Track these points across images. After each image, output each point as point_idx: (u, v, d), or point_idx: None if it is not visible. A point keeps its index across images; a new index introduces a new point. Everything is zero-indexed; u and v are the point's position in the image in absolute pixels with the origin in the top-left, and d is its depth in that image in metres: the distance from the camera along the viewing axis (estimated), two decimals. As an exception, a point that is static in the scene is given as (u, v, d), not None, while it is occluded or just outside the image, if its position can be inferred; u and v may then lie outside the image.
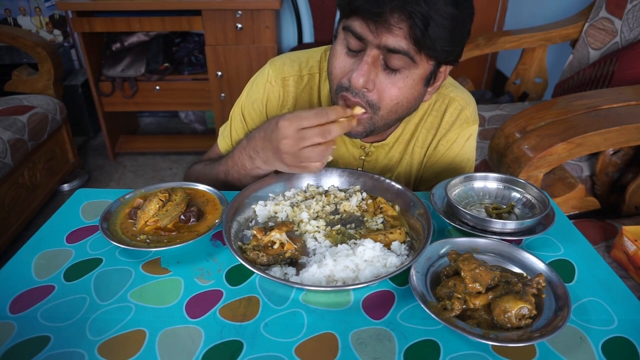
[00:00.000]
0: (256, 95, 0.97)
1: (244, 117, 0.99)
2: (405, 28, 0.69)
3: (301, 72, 0.95)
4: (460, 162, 0.99)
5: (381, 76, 0.76)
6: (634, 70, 1.64)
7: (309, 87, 0.96)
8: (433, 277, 0.68)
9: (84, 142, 2.96)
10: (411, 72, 0.76)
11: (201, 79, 2.59)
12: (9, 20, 2.89)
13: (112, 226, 0.77)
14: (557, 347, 0.58)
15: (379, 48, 0.73)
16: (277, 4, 2.30)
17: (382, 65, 0.75)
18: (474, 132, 0.98)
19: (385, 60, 0.74)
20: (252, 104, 0.98)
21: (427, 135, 0.97)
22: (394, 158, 0.99)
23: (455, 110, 0.95)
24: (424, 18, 0.67)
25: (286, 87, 0.95)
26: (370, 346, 0.58)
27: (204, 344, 0.58)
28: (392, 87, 0.77)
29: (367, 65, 0.74)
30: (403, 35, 0.70)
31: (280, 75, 0.95)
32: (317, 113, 0.72)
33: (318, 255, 0.72)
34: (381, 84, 0.76)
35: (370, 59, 0.74)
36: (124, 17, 2.35)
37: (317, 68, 0.95)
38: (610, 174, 1.48)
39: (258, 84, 0.97)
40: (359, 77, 0.74)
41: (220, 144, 1.03)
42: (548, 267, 0.67)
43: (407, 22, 0.69)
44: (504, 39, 2.06)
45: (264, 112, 0.98)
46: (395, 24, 0.69)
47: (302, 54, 0.98)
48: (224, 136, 1.03)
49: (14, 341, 0.58)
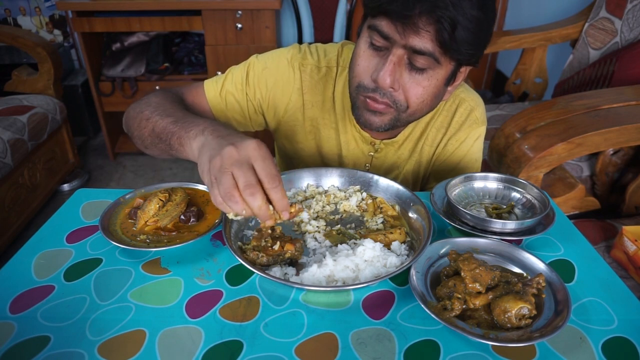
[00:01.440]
0: (271, 64, 0.95)
1: (247, 75, 0.95)
2: (433, 31, 0.70)
3: (319, 63, 0.96)
4: (468, 162, 1.00)
5: (405, 75, 0.77)
6: (634, 70, 1.64)
7: (324, 79, 0.96)
8: (433, 277, 0.68)
9: (84, 142, 2.96)
10: (435, 72, 0.77)
11: (201, 79, 2.55)
12: (9, 20, 2.89)
13: (112, 226, 0.77)
14: (557, 347, 0.58)
15: (405, 48, 0.73)
16: (277, 4, 2.30)
17: (406, 65, 0.76)
18: (482, 133, 1.00)
19: (410, 59, 0.75)
20: (263, 69, 0.95)
21: (437, 135, 0.98)
22: (402, 156, 1.00)
23: (465, 110, 0.96)
24: (452, 22, 0.68)
25: (303, 73, 0.95)
26: (370, 346, 0.58)
27: (204, 344, 0.58)
28: (417, 86, 0.78)
29: (392, 65, 0.74)
30: (430, 38, 0.71)
31: (300, 60, 0.95)
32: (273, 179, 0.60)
33: (318, 255, 0.72)
34: (406, 84, 0.77)
35: (396, 58, 0.74)
36: (124, 17, 2.35)
37: (335, 62, 0.96)
38: (610, 174, 1.48)
39: (279, 57, 0.96)
40: (386, 77, 0.75)
41: (208, 87, 0.95)
42: (548, 267, 0.67)
43: (435, 26, 0.69)
44: (504, 39, 2.06)
45: (269, 84, 0.95)
46: (423, 26, 0.70)
47: (321, 47, 0.98)
48: (216, 82, 0.96)
49: (14, 341, 0.58)
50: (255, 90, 0.95)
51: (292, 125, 0.99)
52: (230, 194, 0.58)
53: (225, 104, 0.96)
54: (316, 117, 0.98)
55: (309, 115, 0.98)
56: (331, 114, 0.97)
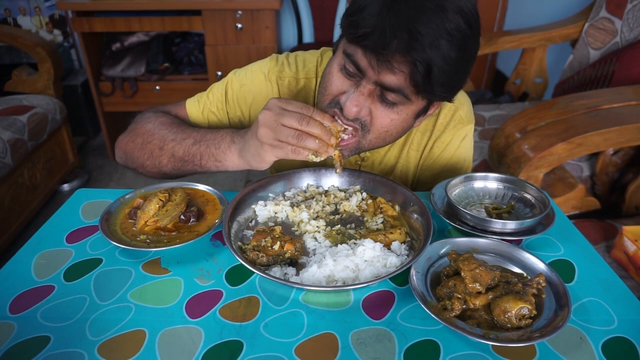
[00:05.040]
0: (248, 80, 0.95)
1: (226, 94, 0.96)
2: (407, 70, 0.68)
3: (298, 74, 0.95)
4: (456, 163, 0.99)
5: (375, 105, 0.75)
6: (634, 70, 1.64)
7: (304, 91, 0.95)
8: (433, 277, 0.68)
9: (84, 142, 2.96)
10: (405, 107, 0.75)
11: (201, 78, 2.59)
12: (8, 20, 2.89)
13: (112, 226, 0.77)
14: (557, 347, 0.58)
15: (375, 83, 0.72)
16: (277, 4, 2.30)
17: (377, 96, 0.74)
18: (470, 131, 0.98)
19: (381, 93, 0.73)
20: (240, 86, 0.95)
21: (422, 138, 0.97)
22: (389, 162, 0.99)
23: (449, 111, 0.95)
24: (427, 64, 0.66)
25: (281, 86, 0.95)
26: (370, 346, 0.58)
27: (204, 344, 0.58)
28: (384, 118, 0.76)
29: (362, 97, 0.73)
30: (403, 77, 0.69)
31: (277, 73, 0.94)
32: (304, 106, 0.72)
33: (318, 255, 0.72)
34: (373, 112, 0.76)
35: (367, 91, 0.73)
36: (124, 17, 2.35)
37: (314, 72, 0.95)
38: (610, 174, 1.48)
39: (255, 71, 0.95)
40: (352, 107, 0.73)
41: (190, 106, 0.97)
42: (548, 267, 0.67)
43: (409, 66, 0.67)
44: (504, 38, 2.06)
45: (248, 100, 0.95)
46: (397, 65, 0.68)
47: (301, 56, 0.97)
48: (198, 101, 0.97)
49: (14, 341, 0.58)
50: (235, 108, 0.96)
51: None
52: (297, 135, 0.70)
53: (207, 123, 0.97)
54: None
55: None
56: None
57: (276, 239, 0.72)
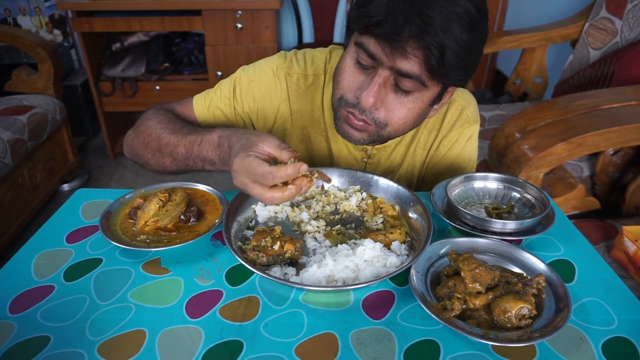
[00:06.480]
0: (257, 77, 0.95)
1: (234, 90, 0.96)
2: (421, 56, 0.69)
3: (306, 71, 0.95)
4: (461, 162, 0.99)
5: (390, 96, 0.76)
6: (634, 70, 1.64)
7: (313, 87, 0.95)
8: (433, 277, 0.68)
9: (84, 142, 2.96)
10: (421, 94, 0.76)
11: (201, 79, 2.59)
12: (8, 20, 2.89)
13: (112, 226, 0.77)
14: (557, 347, 0.58)
15: (391, 70, 0.72)
16: (277, 4, 2.30)
17: (392, 86, 0.75)
18: (475, 131, 0.99)
19: (396, 81, 0.74)
20: (249, 82, 0.95)
21: (429, 137, 0.98)
22: (395, 160, 0.99)
23: (456, 110, 0.96)
24: (441, 47, 0.67)
25: (290, 83, 0.95)
26: (370, 346, 0.58)
27: (204, 344, 0.58)
28: (401, 108, 0.76)
29: (377, 86, 0.73)
30: (418, 62, 0.70)
31: (286, 70, 0.94)
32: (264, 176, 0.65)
33: (318, 255, 0.72)
34: (390, 104, 0.76)
35: (382, 80, 0.73)
36: (124, 17, 2.35)
37: (322, 69, 0.95)
38: (610, 174, 1.48)
39: (263, 68, 0.95)
40: (369, 97, 0.73)
41: (197, 102, 0.97)
42: (548, 267, 0.67)
43: (423, 51, 0.68)
44: (504, 39, 2.06)
45: (257, 96, 0.95)
46: (411, 50, 0.68)
47: (309, 53, 0.97)
48: (204, 97, 0.97)
49: (14, 341, 0.58)
50: (243, 104, 0.96)
51: (282, 134, 0.98)
52: (266, 200, 0.66)
53: (213, 118, 0.96)
54: (306, 126, 0.97)
55: (298, 124, 0.97)
56: (321, 123, 0.96)
57: (276, 239, 0.72)
